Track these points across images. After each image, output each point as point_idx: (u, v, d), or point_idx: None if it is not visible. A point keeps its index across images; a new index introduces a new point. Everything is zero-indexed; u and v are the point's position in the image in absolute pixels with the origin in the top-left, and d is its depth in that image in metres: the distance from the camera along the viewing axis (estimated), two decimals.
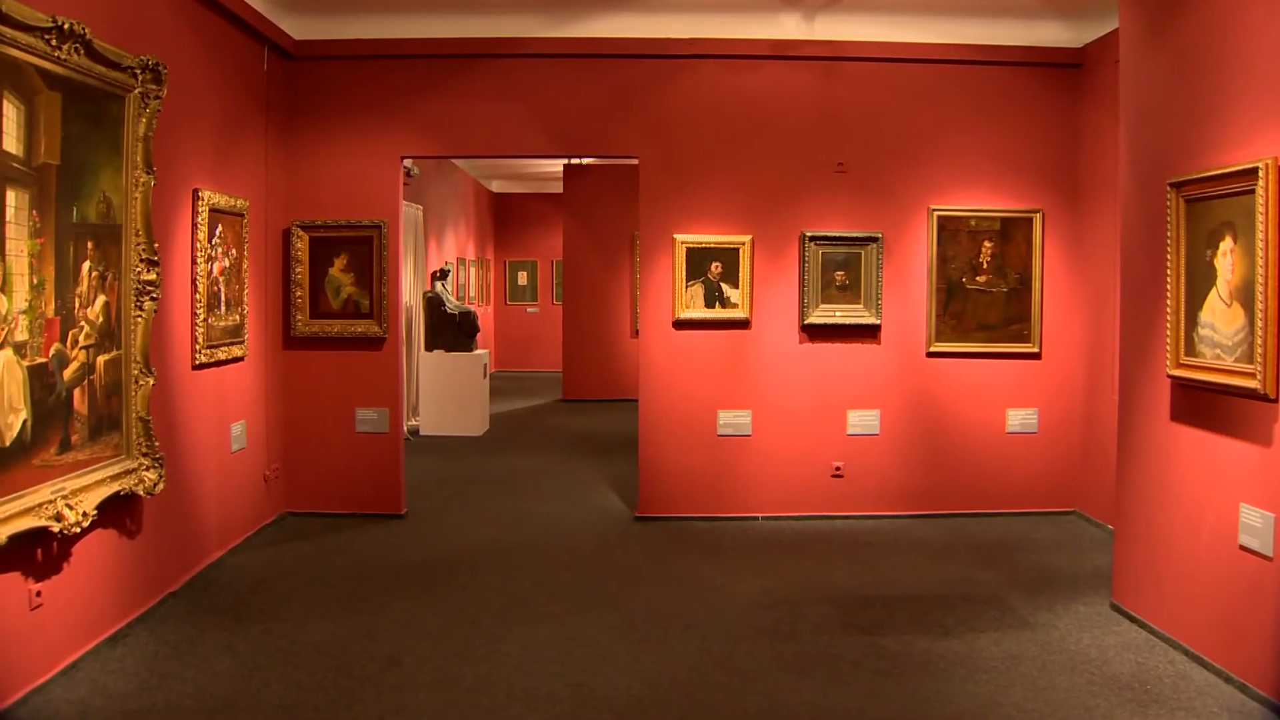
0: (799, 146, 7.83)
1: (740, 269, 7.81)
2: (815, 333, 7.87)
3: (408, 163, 7.98)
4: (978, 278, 7.89)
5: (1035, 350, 7.96)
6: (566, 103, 7.84)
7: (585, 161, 14.97)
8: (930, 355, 7.93)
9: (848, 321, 7.84)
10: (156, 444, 5.44)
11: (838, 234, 7.81)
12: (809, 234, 7.78)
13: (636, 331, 14.71)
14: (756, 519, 7.86)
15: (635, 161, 7.96)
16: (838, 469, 7.93)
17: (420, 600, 5.97)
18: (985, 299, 7.90)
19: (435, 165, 14.40)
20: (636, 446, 8.09)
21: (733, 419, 7.88)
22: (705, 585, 6.29)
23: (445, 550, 7.08)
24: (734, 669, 4.94)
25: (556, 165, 15.81)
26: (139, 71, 5.18)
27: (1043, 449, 8.06)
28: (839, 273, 7.82)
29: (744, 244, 7.80)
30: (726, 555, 6.96)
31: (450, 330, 12.31)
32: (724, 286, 7.82)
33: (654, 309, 7.87)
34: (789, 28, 7.70)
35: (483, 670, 4.90)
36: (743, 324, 7.86)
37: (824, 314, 7.83)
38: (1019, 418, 8.01)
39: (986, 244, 7.87)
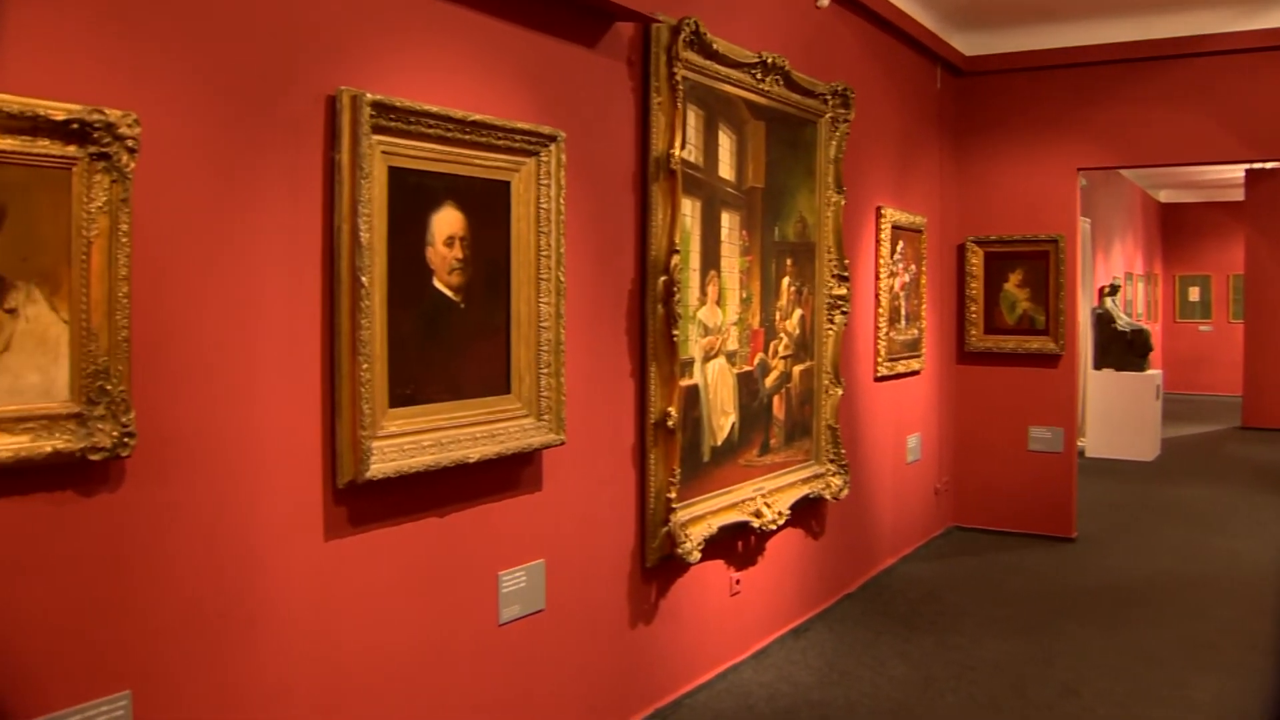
0: None
1: None
2: None
3: None
4: None
5: None
6: (1259, 102, 6.99)
7: (1270, 165, 13.38)
8: None
9: None
10: (842, 451, 5.72)
11: None
12: None
13: None
14: None
15: None
16: None
17: (1095, 629, 5.63)
18: None
19: (1102, 176, 13.67)
20: None
21: None
22: None
23: (1120, 579, 6.64)
24: None
25: (1235, 171, 14.29)
26: (829, 98, 5.50)
27: None
28: None
29: None
30: None
31: (1120, 348, 11.65)
32: None
33: None
34: None
35: (1168, 714, 4.49)
36: None
37: None
38: None
39: None
